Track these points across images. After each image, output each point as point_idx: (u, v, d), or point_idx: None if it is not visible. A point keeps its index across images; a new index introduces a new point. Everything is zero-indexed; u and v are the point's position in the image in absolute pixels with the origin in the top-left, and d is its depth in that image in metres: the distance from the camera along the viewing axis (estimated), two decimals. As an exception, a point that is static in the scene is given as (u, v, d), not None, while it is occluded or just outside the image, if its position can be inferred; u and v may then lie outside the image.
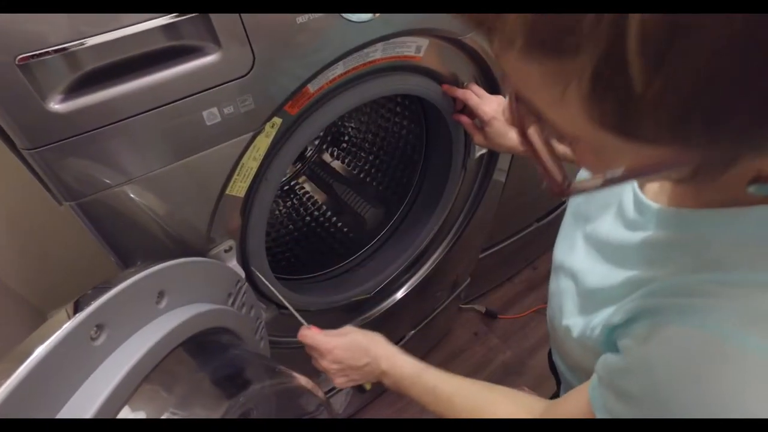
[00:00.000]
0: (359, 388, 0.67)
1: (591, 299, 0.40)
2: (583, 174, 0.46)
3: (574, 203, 0.51)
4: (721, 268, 0.30)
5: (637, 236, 0.37)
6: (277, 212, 1.11)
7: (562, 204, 1.20)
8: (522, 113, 0.28)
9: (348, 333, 0.63)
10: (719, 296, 0.29)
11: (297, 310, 0.82)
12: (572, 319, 0.42)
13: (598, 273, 0.40)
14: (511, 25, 0.21)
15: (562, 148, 0.29)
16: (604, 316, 0.37)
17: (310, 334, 0.64)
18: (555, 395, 0.67)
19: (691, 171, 0.24)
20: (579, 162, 0.29)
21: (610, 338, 0.36)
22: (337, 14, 0.51)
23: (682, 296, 0.31)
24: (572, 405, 0.42)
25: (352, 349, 0.61)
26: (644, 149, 0.22)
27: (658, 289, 0.33)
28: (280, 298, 0.70)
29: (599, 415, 0.36)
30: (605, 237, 0.41)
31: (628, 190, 0.40)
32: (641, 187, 0.39)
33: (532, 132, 0.29)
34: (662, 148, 0.22)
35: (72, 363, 0.35)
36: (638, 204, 0.38)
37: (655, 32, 0.17)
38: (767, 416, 0.25)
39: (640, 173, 0.25)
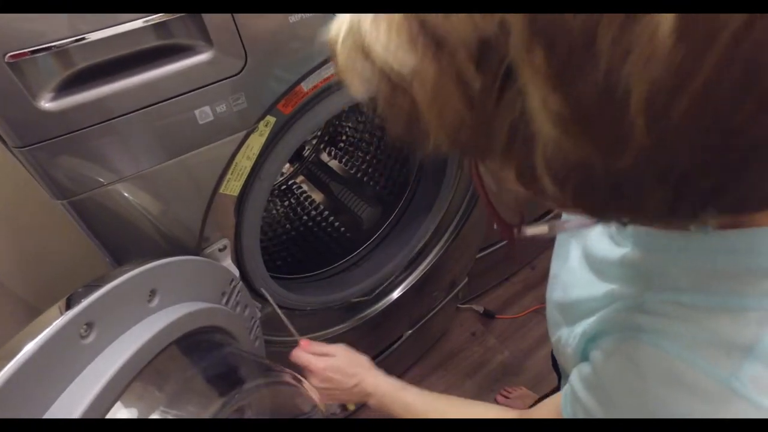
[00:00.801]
0: (343, 406, 0.71)
1: (575, 309, 0.41)
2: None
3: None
4: (679, 289, 0.31)
5: (618, 252, 0.38)
6: (274, 212, 1.11)
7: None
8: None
9: (337, 353, 0.66)
10: (675, 318, 0.30)
11: (294, 309, 0.82)
12: (561, 329, 0.43)
13: (584, 283, 0.41)
14: (434, 138, 0.23)
15: None
16: (583, 326, 0.38)
17: (301, 355, 0.67)
18: (555, 390, 0.67)
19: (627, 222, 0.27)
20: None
21: (586, 349, 0.38)
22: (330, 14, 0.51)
23: (645, 314, 0.32)
24: (546, 413, 0.43)
25: (341, 372, 0.64)
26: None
27: (629, 305, 0.34)
28: (279, 312, 0.71)
29: None
30: (593, 249, 0.42)
31: None
32: None
33: (485, 179, 0.30)
34: None
35: (61, 361, 0.35)
36: None
37: (559, 158, 0.19)
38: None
39: (579, 226, 0.28)
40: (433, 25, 0.19)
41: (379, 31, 0.21)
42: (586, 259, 0.43)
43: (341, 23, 0.24)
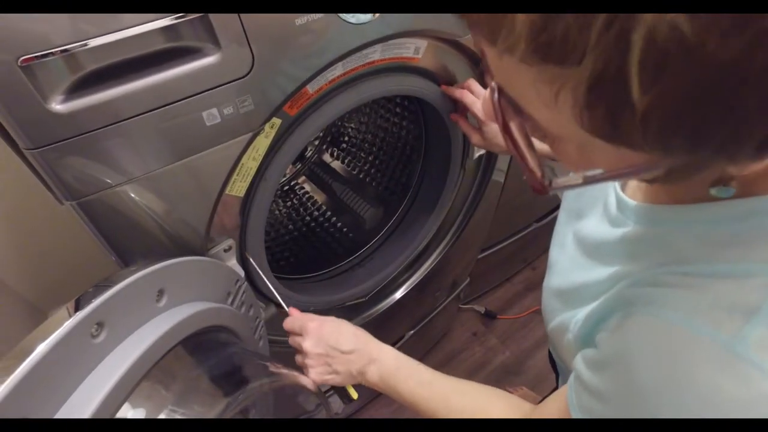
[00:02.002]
0: (346, 397, 0.62)
1: (576, 294, 0.41)
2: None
3: (567, 201, 0.52)
4: (685, 261, 0.31)
5: (618, 232, 0.38)
6: (277, 212, 1.12)
7: (560, 204, 1.20)
8: (504, 107, 0.28)
9: (335, 318, 0.61)
10: (678, 286, 0.30)
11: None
12: (561, 317, 0.43)
13: (584, 269, 0.41)
14: (518, 30, 0.20)
15: (541, 145, 0.30)
16: (586, 311, 0.38)
17: (296, 314, 0.60)
18: (555, 390, 0.67)
19: (665, 173, 0.26)
20: (559, 159, 0.30)
21: (591, 334, 0.38)
22: (336, 16, 0.52)
23: (649, 287, 0.32)
24: (554, 406, 0.43)
25: (340, 330, 0.58)
26: (626, 153, 0.23)
27: (633, 282, 0.34)
28: (267, 283, 0.68)
29: (573, 414, 0.37)
30: (591, 234, 0.42)
31: (612, 189, 0.41)
32: (622, 186, 0.40)
33: (513, 126, 0.29)
34: (643, 153, 0.22)
35: (73, 360, 0.36)
36: (619, 201, 0.39)
37: (659, 48, 0.18)
38: (716, 395, 0.26)
39: (618, 175, 0.26)
40: None
41: None
42: (580, 246, 0.43)
43: None
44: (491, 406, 0.51)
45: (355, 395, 0.61)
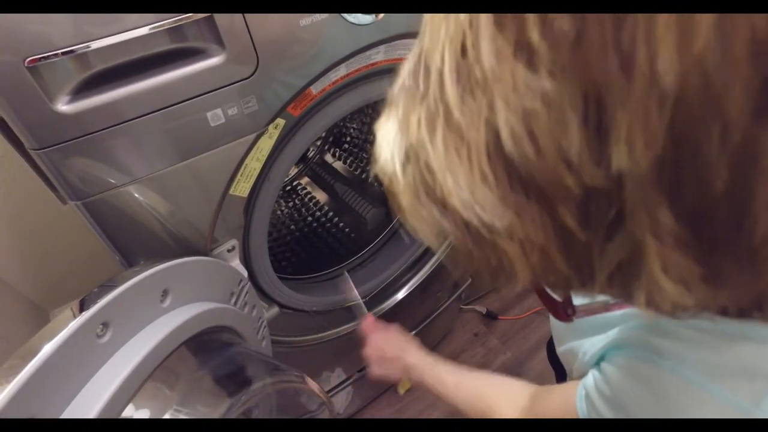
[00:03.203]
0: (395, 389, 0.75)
1: (581, 327, 0.41)
2: None
3: None
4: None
5: None
6: (279, 212, 1.12)
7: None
8: None
9: (391, 329, 0.74)
10: (692, 342, 0.30)
11: (298, 310, 0.83)
12: (569, 344, 0.43)
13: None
14: (520, 283, 0.20)
15: None
16: (594, 345, 0.38)
17: (366, 324, 0.76)
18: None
19: None
20: None
21: (598, 364, 0.38)
22: (340, 18, 0.52)
23: (663, 337, 0.32)
24: (557, 404, 0.44)
25: (389, 340, 0.72)
26: None
27: (645, 324, 0.34)
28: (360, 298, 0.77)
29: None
30: None
31: None
32: None
33: None
34: None
35: (78, 360, 0.36)
36: None
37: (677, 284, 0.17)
38: None
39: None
40: (527, 175, 0.16)
41: (457, 181, 0.18)
42: None
43: (392, 155, 0.21)
44: (493, 401, 0.56)
45: (401, 391, 0.75)
